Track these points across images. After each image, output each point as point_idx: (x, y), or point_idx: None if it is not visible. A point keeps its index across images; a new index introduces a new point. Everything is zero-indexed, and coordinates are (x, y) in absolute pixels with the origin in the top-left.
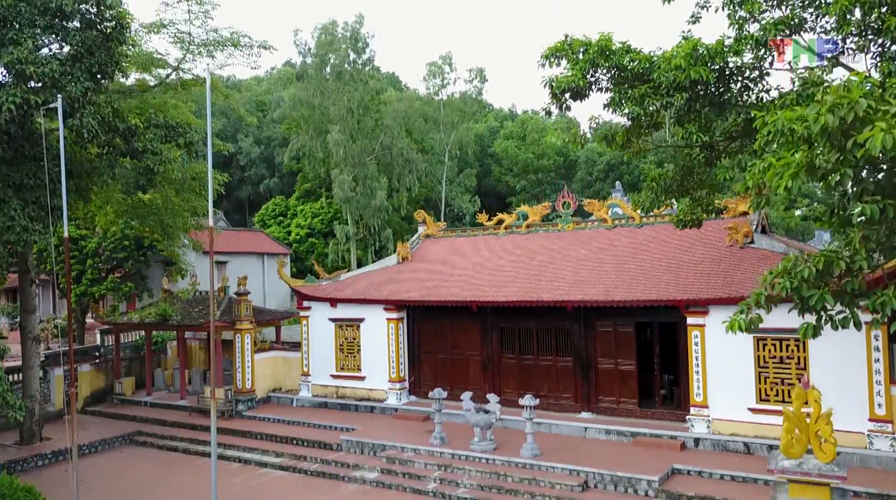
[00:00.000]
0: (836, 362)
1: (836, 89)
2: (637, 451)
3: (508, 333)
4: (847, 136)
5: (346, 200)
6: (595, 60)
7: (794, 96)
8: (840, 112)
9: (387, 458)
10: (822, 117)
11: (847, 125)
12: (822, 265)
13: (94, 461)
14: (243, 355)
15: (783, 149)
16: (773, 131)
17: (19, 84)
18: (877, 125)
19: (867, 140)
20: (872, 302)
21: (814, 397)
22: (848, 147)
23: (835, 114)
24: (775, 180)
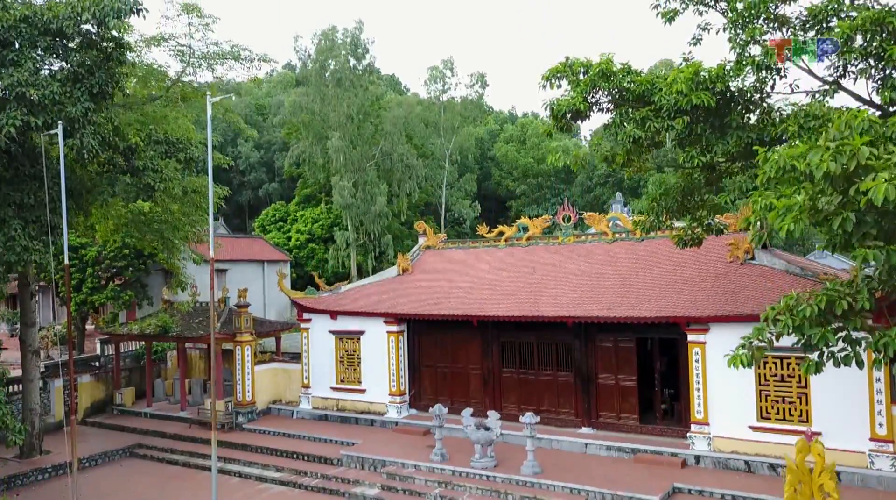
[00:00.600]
0: (837, 381)
1: (839, 125)
2: (638, 468)
3: (509, 347)
4: (850, 181)
5: (346, 207)
6: (596, 82)
7: (796, 128)
8: (842, 159)
9: (387, 474)
10: (824, 163)
11: (850, 172)
12: (824, 304)
13: (94, 475)
14: (243, 368)
15: (785, 186)
16: (775, 169)
17: (20, 106)
18: (880, 175)
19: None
20: (875, 342)
21: (817, 450)
22: (851, 193)
23: (837, 161)
24: (777, 222)
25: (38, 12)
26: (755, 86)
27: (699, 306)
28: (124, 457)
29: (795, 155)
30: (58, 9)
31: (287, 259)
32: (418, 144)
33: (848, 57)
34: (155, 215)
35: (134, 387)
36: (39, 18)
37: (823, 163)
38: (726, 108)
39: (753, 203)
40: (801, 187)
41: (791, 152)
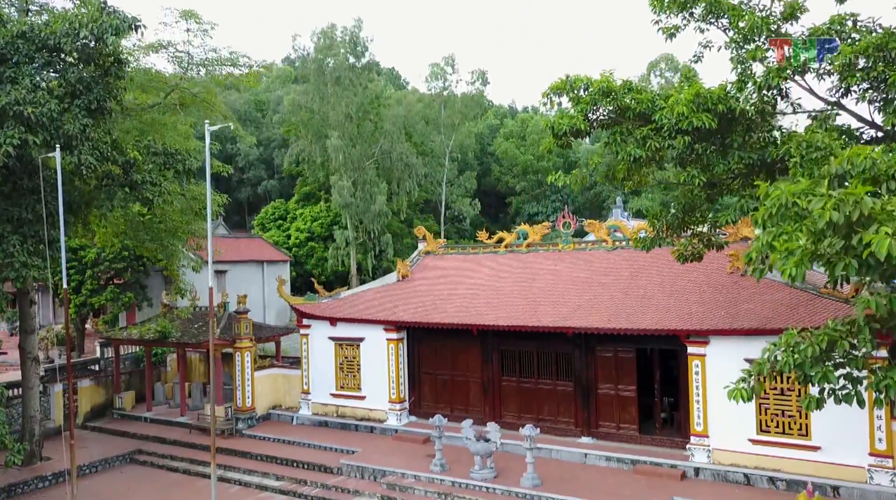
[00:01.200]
0: None
1: (841, 161)
2: (637, 481)
3: (509, 355)
4: (852, 228)
5: (346, 206)
6: (597, 100)
7: (798, 158)
8: (845, 209)
9: (387, 484)
10: (826, 213)
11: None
12: (825, 344)
13: (93, 483)
14: (243, 374)
15: (787, 223)
16: (777, 206)
17: (17, 125)
18: (882, 229)
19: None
20: (876, 383)
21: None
22: (853, 242)
23: (840, 210)
24: (780, 265)
25: (35, 28)
26: (756, 106)
27: (699, 319)
28: (124, 463)
29: (797, 191)
30: (55, 25)
31: (287, 259)
32: (418, 141)
33: (850, 80)
34: (154, 222)
35: (134, 391)
36: (37, 34)
37: (826, 212)
38: (727, 128)
39: (756, 240)
40: (803, 225)
41: (792, 189)
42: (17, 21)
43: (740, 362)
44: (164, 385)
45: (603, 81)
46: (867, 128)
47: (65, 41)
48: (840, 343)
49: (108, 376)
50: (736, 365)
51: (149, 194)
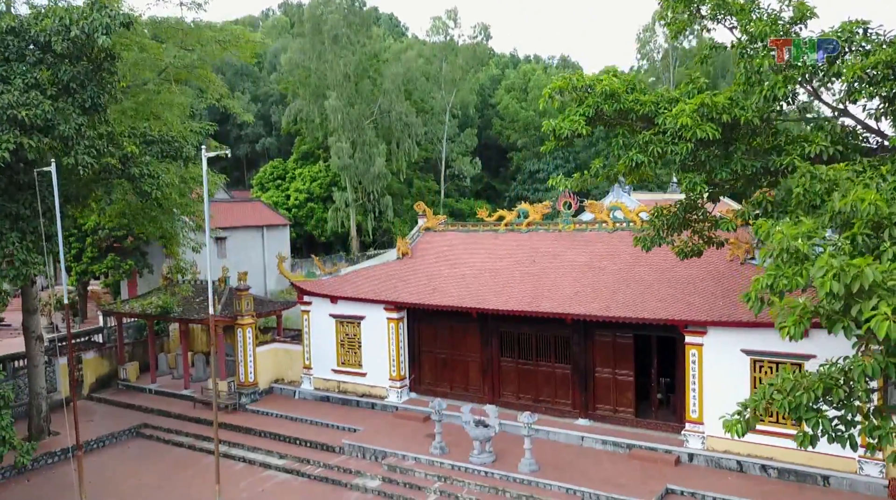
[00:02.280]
0: None
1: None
2: (633, 466)
3: (508, 337)
4: (853, 298)
5: (344, 168)
6: (600, 105)
7: (802, 190)
8: (845, 279)
9: (388, 465)
10: (827, 283)
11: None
12: (821, 392)
13: (100, 458)
14: (245, 349)
15: (787, 265)
16: (778, 250)
17: (11, 129)
18: (882, 307)
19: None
20: (868, 430)
21: None
22: (853, 312)
23: (840, 280)
24: (778, 321)
25: (25, 24)
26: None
27: (697, 310)
28: (130, 437)
29: (798, 234)
30: (45, 22)
31: (286, 222)
32: (418, 99)
33: (858, 96)
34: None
35: (137, 361)
36: (27, 31)
37: (826, 282)
38: (731, 135)
39: (755, 281)
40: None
41: (794, 232)
42: (4, 16)
43: (738, 353)
44: (167, 355)
45: (606, 83)
46: (873, 135)
47: (55, 39)
48: (836, 391)
49: (112, 347)
50: (733, 356)
51: (147, 188)
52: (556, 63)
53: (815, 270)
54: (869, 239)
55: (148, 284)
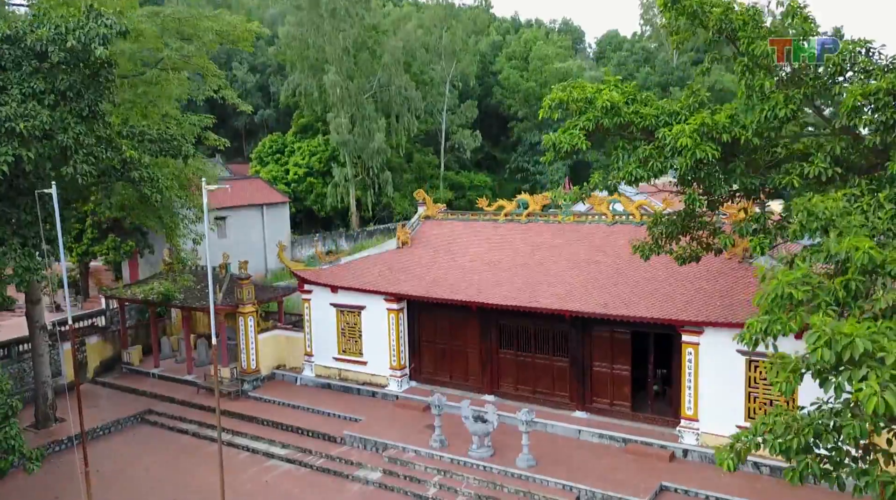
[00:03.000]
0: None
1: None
2: (628, 461)
3: (507, 330)
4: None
5: (344, 144)
6: (600, 118)
7: (798, 226)
8: (836, 347)
9: (388, 458)
10: (818, 351)
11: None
12: (811, 437)
13: (107, 445)
14: (247, 337)
15: (781, 311)
16: (772, 296)
17: (10, 141)
18: (870, 384)
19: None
20: (856, 473)
21: None
22: (842, 379)
23: (831, 347)
24: (772, 376)
25: (20, 32)
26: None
27: (695, 310)
28: (136, 424)
29: (793, 281)
30: (41, 31)
31: (286, 200)
32: (417, 71)
33: (857, 122)
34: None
35: (140, 344)
36: (22, 39)
37: (818, 351)
38: (731, 152)
39: (749, 325)
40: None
41: (789, 278)
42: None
43: (733, 353)
44: (170, 338)
45: (607, 97)
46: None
47: (52, 49)
48: (826, 437)
49: (115, 331)
50: (729, 356)
51: (146, 191)
52: (557, 27)
53: (808, 335)
54: (862, 285)
55: (149, 263)
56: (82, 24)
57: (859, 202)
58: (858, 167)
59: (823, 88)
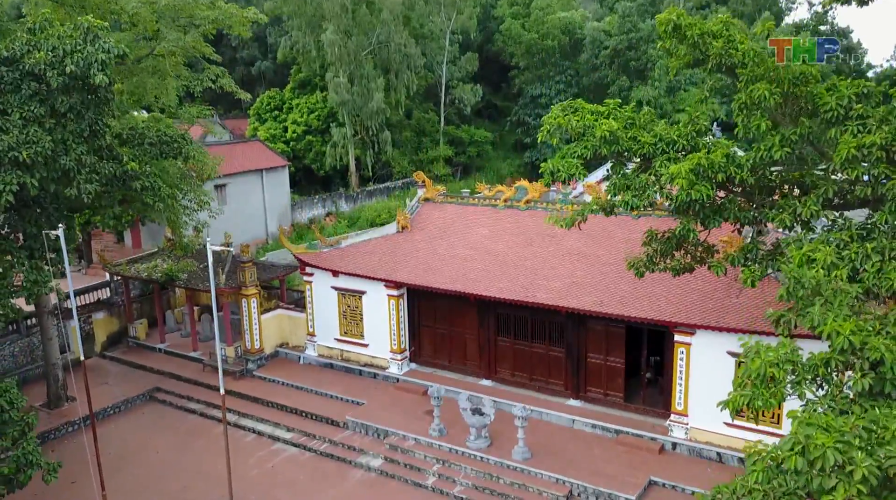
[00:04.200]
0: None
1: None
2: (619, 453)
3: (504, 318)
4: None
5: (342, 103)
6: (599, 147)
7: (785, 292)
8: (810, 456)
9: (389, 445)
10: (792, 460)
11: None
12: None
13: (117, 426)
14: (250, 318)
15: (763, 387)
16: (756, 374)
17: (14, 169)
18: (836, 497)
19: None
20: None
21: None
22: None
23: (805, 456)
24: (749, 465)
25: (17, 54)
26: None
27: (688, 311)
28: (145, 402)
29: (776, 360)
30: (39, 55)
31: (285, 163)
32: (417, 24)
33: (850, 172)
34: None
35: (145, 318)
36: (20, 61)
37: (792, 460)
38: (726, 189)
39: (731, 401)
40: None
41: (770, 359)
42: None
43: (723, 354)
44: (174, 311)
45: (606, 128)
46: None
47: (50, 73)
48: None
49: (120, 305)
50: (719, 356)
51: (148, 200)
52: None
53: (783, 443)
54: (843, 363)
55: (150, 231)
56: (80, 46)
57: (848, 250)
58: (852, 204)
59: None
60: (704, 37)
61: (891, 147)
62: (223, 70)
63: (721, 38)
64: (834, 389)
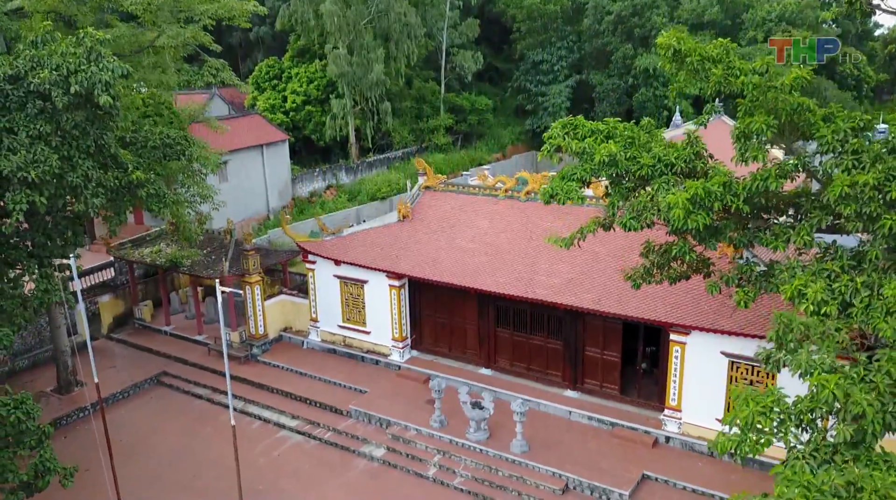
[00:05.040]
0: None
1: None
2: (614, 446)
3: (504, 310)
4: None
5: (342, 75)
6: (598, 170)
7: (775, 334)
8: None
9: (392, 435)
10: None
11: None
12: None
13: (127, 411)
14: (254, 305)
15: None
16: (743, 423)
17: (23, 189)
18: None
19: None
20: None
21: None
22: None
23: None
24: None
25: (22, 72)
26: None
27: (683, 311)
28: (152, 386)
29: (763, 409)
30: (43, 74)
31: (286, 137)
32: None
33: (843, 208)
34: None
35: (150, 299)
36: (25, 78)
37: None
38: (722, 216)
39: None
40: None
41: (757, 409)
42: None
43: (717, 355)
44: (179, 293)
45: (605, 153)
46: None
47: (56, 93)
48: None
49: (125, 286)
50: (713, 356)
51: (153, 207)
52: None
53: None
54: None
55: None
56: (82, 65)
57: (838, 283)
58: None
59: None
60: (704, 62)
61: (883, 187)
62: (223, 63)
63: (721, 63)
64: (818, 436)
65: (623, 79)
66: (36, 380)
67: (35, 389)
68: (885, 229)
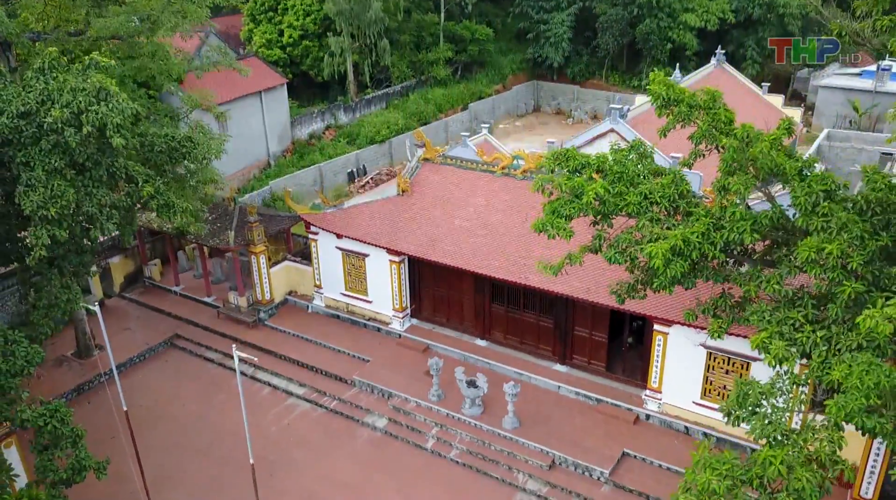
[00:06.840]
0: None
1: (760, 454)
2: (598, 422)
3: (499, 288)
4: None
5: (339, 13)
6: (587, 208)
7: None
8: None
9: (393, 406)
10: None
11: None
12: None
13: (144, 375)
14: (260, 272)
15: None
16: (699, 486)
17: (44, 225)
18: None
19: None
20: None
21: None
22: None
23: None
24: None
25: (34, 108)
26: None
27: (667, 305)
28: (166, 348)
29: (718, 475)
30: (56, 113)
31: (284, 81)
32: None
33: (809, 270)
34: None
35: (159, 258)
36: (37, 114)
37: None
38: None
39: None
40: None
41: (714, 475)
42: (13, 98)
43: (696, 346)
44: (185, 251)
45: (592, 193)
46: None
47: (69, 132)
48: None
49: (134, 246)
50: (693, 347)
51: (165, 217)
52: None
53: None
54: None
55: None
56: (92, 103)
57: (801, 334)
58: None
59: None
60: (693, 111)
61: (845, 258)
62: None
63: (709, 112)
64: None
65: (627, 9)
66: (56, 343)
67: (56, 353)
68: (845, 296)
